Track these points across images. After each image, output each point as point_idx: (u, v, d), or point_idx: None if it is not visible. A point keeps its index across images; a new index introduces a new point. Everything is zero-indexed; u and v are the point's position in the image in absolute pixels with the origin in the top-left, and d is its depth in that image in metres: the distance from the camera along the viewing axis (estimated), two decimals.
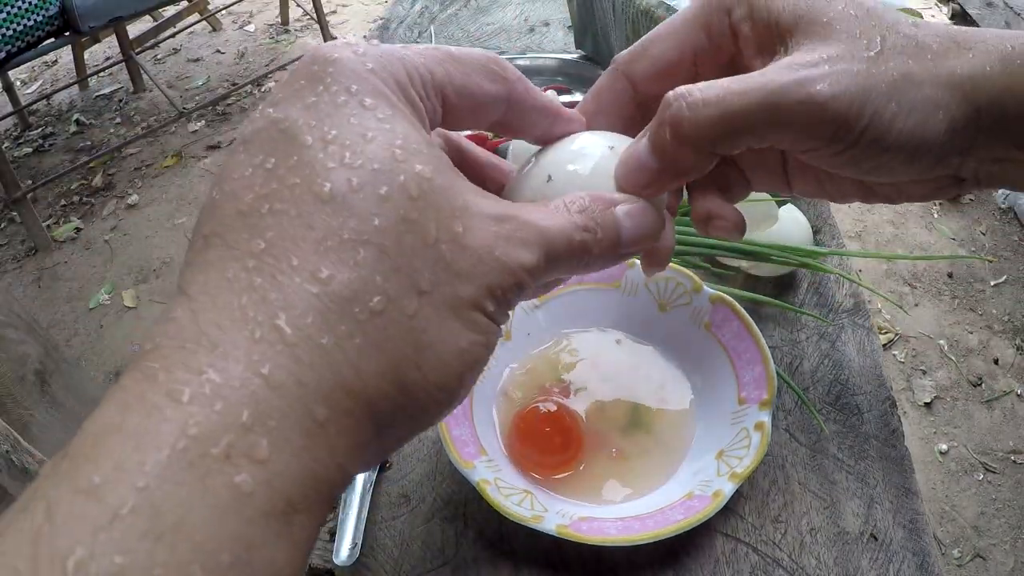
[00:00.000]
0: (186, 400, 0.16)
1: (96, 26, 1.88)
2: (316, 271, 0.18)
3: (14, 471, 0.95)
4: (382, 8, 3.20)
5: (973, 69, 0.25)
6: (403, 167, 0.20)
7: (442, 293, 0.19)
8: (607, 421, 0.42)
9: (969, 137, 0.26)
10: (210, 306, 0.17)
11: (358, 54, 0.21)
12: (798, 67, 0.24)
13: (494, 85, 0.25)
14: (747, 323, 0.43)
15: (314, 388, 0.17)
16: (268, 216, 0.19)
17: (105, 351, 1.78)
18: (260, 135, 0.20)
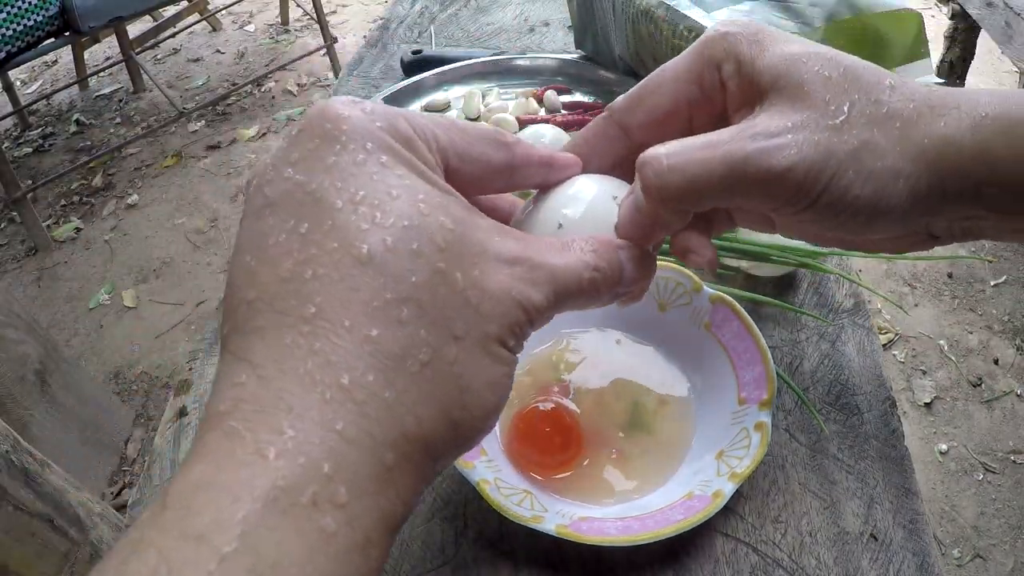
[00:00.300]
0: (272, 457, 0.18)
1: (96, 26, 1.88)
2: (368, 332, 0.20)
3: (14, 471, 0.95)
4: (382, 8, 3.20)
5: (942, 139, 0.26)
6: (429, 220, 0.21)
7: (473, 336, 0.21)
8: (607, 421, 0.42)
9: (935, 202, 0.26)
10: (278, 374, 0.19)
11: (367, 112, 0.23)
12: (760, 136, 0.26)
13: (498, 153, 0.26)
14: (747, 323, 0.43)
15: (382, 439, 0.20)
16: (313, 281, 0.20)
17: (105, 351, 1.78)
18: (286, 199, 0.21)
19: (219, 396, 0.20)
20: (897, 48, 0.57)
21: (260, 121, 2.55)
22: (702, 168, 0.26)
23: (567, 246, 0.25)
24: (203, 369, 0.50)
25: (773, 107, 0.26)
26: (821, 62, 0.27)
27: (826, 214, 0.27)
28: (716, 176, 0.26)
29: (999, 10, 1.76)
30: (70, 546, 1.01)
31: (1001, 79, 2.43)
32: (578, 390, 0.44)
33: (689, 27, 0.55)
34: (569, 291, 0.24)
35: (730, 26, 0.29)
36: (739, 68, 0.28)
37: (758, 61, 0.27)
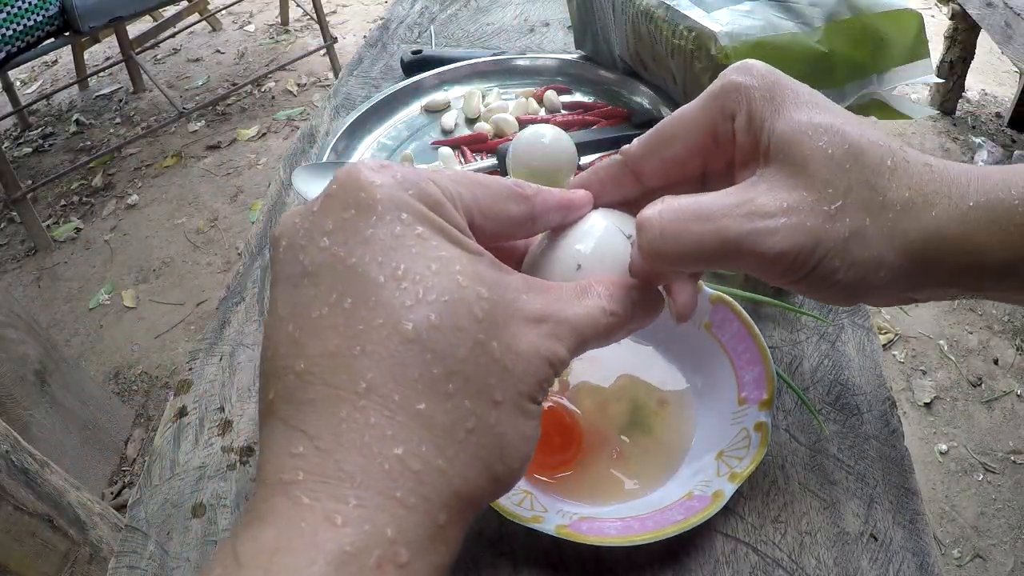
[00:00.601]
0: (340, 524, 0.20)
1: (96, 26, 1.88)
2: (418, 406, 0.21)
3: (14, 471, 0.95)
4: (382, 8, 3.20)
5: (928, 231, 0.27)
6: (467, 292, 0.23)
7: (510, 399, 0.23)
8: (607, 421, 0.42)
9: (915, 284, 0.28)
10: (336, 446, 0.21)
11: (397, 180, 0.24)
12: (755, 215, 0.27)
13: (519, 207, 0.27)
14: (747, 323, 0.43)
15: (436, 501, 0.21)
16: (362, 358, 0.21)
17: (105, 351, 1.78)
18: (326, 270, 0.22)
19: (279, 464, 0.21)
20: (897, 48, 0.57)
21: (260, 121, 2.55)
22: (695, 239, 0.27)
23: (585, 292, 0.26)
24: (203, 369, 0.50)
25: (774, 180, 0.27)
26: (827, 137, 0.27)
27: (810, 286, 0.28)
28: (708, 249, 0.27)
29: (999, 10, 1.76)
30: (70, 546, 1.01)
31: (1001, 79, 2.43)
32: (578, 390, 0.44)
33: (689, 27, 0.55)
34: (588, 338, 0.26)
35: (747, 76, 0.29)
36: (750, 124, 0.29)
37: (768, 123, 0.28)
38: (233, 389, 0.49)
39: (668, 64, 0.59)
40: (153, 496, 0.43)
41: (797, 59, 0.54)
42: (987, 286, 0.28)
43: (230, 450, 0.45)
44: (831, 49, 0.54)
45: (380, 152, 0.66)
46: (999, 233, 0.26)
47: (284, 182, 0.66)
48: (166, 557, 0.40)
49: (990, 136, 2.14)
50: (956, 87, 2.23)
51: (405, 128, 0.69)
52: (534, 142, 0.55)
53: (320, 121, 0.73)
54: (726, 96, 0.29)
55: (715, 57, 0.53)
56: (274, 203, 0.64)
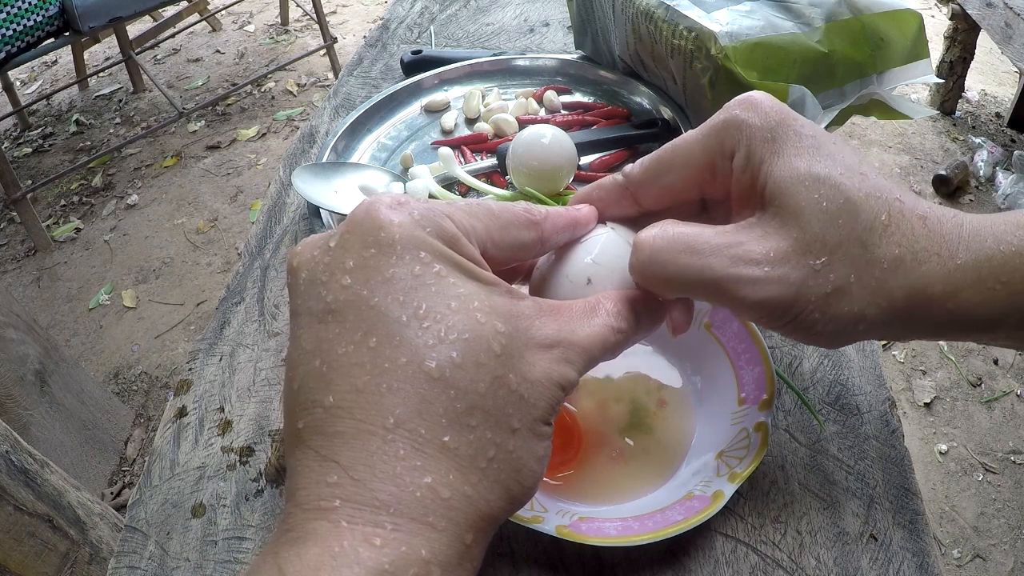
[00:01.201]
0: (379, 544, 0.21)
1: (96, 26, 1.88)
2: (442, 437, 0.23)
3: (14, 471, 0.95)
4: (382, 8, 3.20)
5: (914, 289, 0.27)
6: (486, 329, 0.24)
7: (526, 426, 0.25)
8: (607, 422, 0.42)
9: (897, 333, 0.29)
10: (370, 476, 0.22)
11: (415, 218, 0.25)
12: (741, 261, 0.27)
13: (530, 233, 0.28)
14: (747, 323, 0.43)
15: (463, 524, 0.23)
16: (389, 395, 0.23)
17: (105, 351, 1.78)
18: (350, 309, 0.24)
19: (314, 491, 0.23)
20: (897, 48, 0.57)
21: (260, 121, 2.55)
22: (679, 270, 0.28)
23: (594, 311, 0.28)
24: (202, 369, 0.50)
25: (767, 227, 0.28)
26: (824, 191, 0.27)
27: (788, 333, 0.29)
28: (691, 282, 0.28)
29: (999, 10, 1.76)
30: (70, 546, 1.01)
31: (1001, 79, 2.43)
32: (578, 390, 0.44)
33: (689, 27, 0.55)
34: (597, 357, 0.27)
35: (750, 113, 0.29)
36: (748, 163, 0.29)
37: (766, 166, 0.28)
38: (233, 389, 0.49)
39: (668, 64, 0.59)
40: (153, 496, 0.43)
41: (797, 59, 0.54)
42: (973, 337, 0.29)
43: (230, 450, 0.45)
44: (831, 49, 0.54)
45: (380, 152, 0.66)
46: (985, 292, 0.27)
47: (284, 182, 0.66)
48: (166, 557, 0.40)
49: (990, 136, 2.14)
50: (956, 87, 2.23)
51: (405, 128, 0.69)
52: (534, 142, 0.55)
53: (320, 121, 0.73)
54: (727, 132, 0.30)
55: (715, 57, 0.53)
56: (274, 203, 0.64)
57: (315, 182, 0.57)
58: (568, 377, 0.26)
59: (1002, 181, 1.94)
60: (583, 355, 0.26)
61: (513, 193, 0.56)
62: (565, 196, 0.55)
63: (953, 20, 2.13)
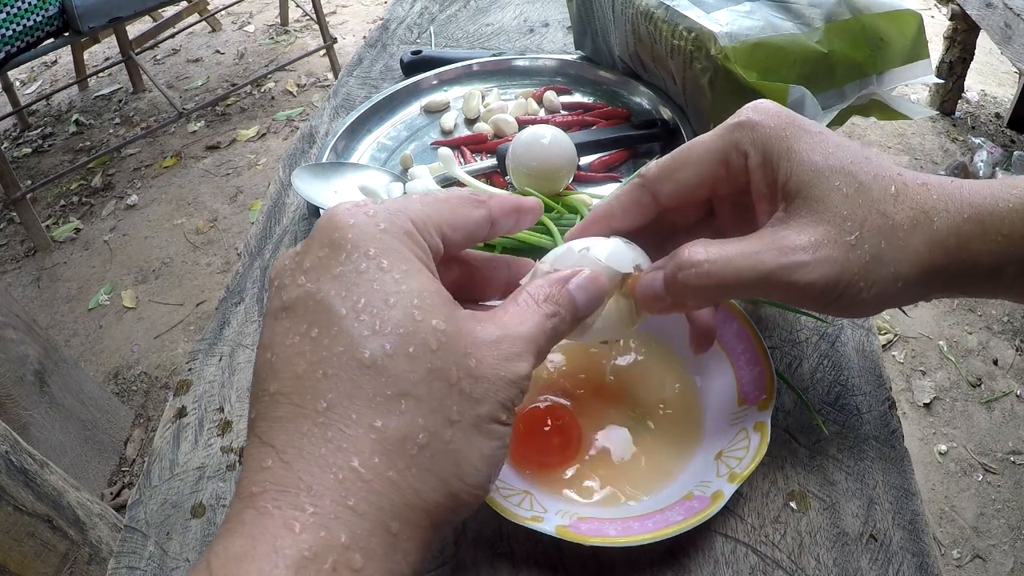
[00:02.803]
0: (298, 531, 0.21)
1: (96, 26, 1.88)
2: (372, 422, 0.23)
3: (13, 471, 0.95)
4: (382, 8, 3.20)
5: (933, 242, 0.31)
6: (422, 326, 0.25)
7: (467, 418, 0.25)
8: (607, 421, 0.42)
9: (923, 292, 0.32)
10: (298, 458, 0.23)
11: (370, 216, 0.26)
12: (788, 251, 0.31)
13: (478, 211, 0.30)
14: (747, 323, 0.43)
15: (388, 510, 0.23)
16: (324, 380, 0.24)
17: (104, 351, 1.78)
18: (300, 304, 0.25)
19: (250, 478, 0.23)
20: (897, 48, 0.57)
21: (260, 121, 2.55)
22: (736, 274, 0.31)
23: (525, 303, 0.29)
24: (202, 369, 0.50)
25: (799, 219, 0.31)
26: (840, 178, 0.31)
27: (837, 308, 0.32)
28: (745, 281, 0.31)
29: (998, 10, 1.76)
30: (69, 546, 1.01)
31: (1001, 79, 2.43)
32: (577, 390, 0.44)
33: (688, 27, 0.55)
34: (543, 345, 0.28)
35: (762, 115, 0.33)
36: (764, 162, 0.33)
37: (784, 164, 0.32)
38: (232, 389, 0.49)
39: (668, 64, 0.59)
40: (152, 496, 0.43)
41: (797, 59, 0.54)
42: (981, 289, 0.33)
43: (229, 450, 0.45)
44: (831, 49, 0.54)
45: (380, 152, 0.66)
46: (988, 243, 0.31)
47: (284, 182, 0.66)
48: (165, 557, 0.40)
49: (989, 136, 2.14)
50: (956, 87, 2.23)
51: (405, 128, 0.69)
52: (534, 143, 0.55)
53: (320, 121, 0.73)
54: (741, 131, 0.33)
55: (715, 57, 0.53)
56: (274, 203, 0.64)
57: (315, 182, 0.57)
58: (518, 371, 0.26)
59: None
60: (529, 345, 0.27)
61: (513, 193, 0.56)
62: (565, 196, 0.55)
63: (953, 20, 2.13)
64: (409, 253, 0.26)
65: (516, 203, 0.32)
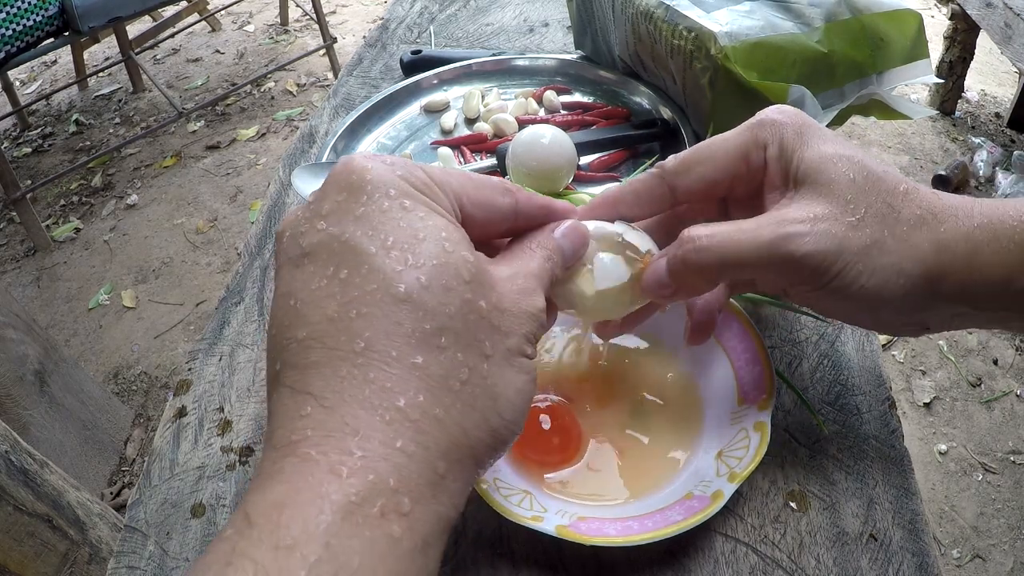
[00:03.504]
0: (345, 475, 0.21)
1: (96, 26, 1.88)
2: (414, 360, 0.23)
3: (13, 471, 0.95)
4: (382, 8, 3.20)
5: (940, 244, 0.31)
6: (454, 257, 0.24)
7: (500, 352, 0.25)
8: (607, 420, 0.42)
9: (928, 300, 0.32)
10: (340, 402, 0.22)
11: (387, 164, 0.26)
12: (786, 223, 0.31)
13: (504, 198, 0.29)
14: (747, 323, 0.43)
15: (435, 450, 0.22)
16: (358, 320, 0.23)
17: (104, 351, 1.78)
18: (323, 248, 0.24)
19: (287, 426, 0.22)
20: (897, 48, 0.57)
21: (259, 121, 2.55)
22: (736, 247, 0.31)
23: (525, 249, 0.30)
24: (202, 369, 0.50)
25: (803, 199, 0.32)
26: (849, 165, 0.32)
27: (835, 297, 0.31)
28: (746, 255, 0.31)
29: (998, 10, 1.76)
30: (69, 546, 1.01)
31: (1001, 79, 2.43)
32: (578, 390, 0.44)
33: (688, 27, 0.55)
34: (547, 282, 0.29)
35: (780, 115, 0.34)
36: (782, 153, 0.33)
37: (798, 153, 0.33)
38: (232, 389, 0.49)
39: (668, 64, 0.59)
40: (152, 496, 0.43)
41: (797, 59, 0.54)
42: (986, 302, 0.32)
43: (230, 450, 0.45)
44: (831, 49, 0.54)
45: (380, 152, 0.66)
46: (1000, 251, 0.30)
47: (284, 182, 0.66)
48: (165, 557, 0.40)
49: (989, 136, 2.14)
50: (956, 87, 2.23)
51: (404, 128, 0.69)
52: (533, 142, 0.55)
53: (320, 121, 0.73)
54: (761, 127, 0.34)
55: (715, 57, 0.53)
56: (274, 203, 0.64)
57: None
58: (536, 304, 0.27)
59: (1002, 181, 1.94)
60: (538, 282, 0.28)
61: None
62: (565, 196, 0.55)
63: (953, 20, 2.13)
64: (428, 200, 0.26)
65: (547, 203, 0.32)
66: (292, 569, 0.19)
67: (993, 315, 0.33)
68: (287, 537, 0.19)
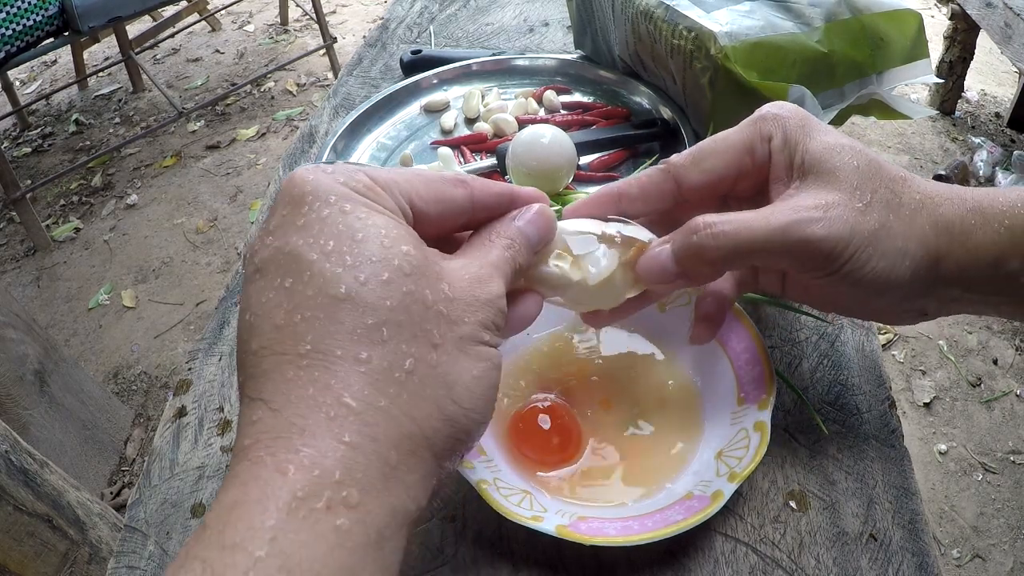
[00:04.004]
0: (291, 473, 0.21)
1: (95, 26, 1.88)
2: (358, 355, 0.23)
3: (13, 471, 0.95)
4: (382, 8, 3.20)
5: (939, 225, 0.32)
6: (393, 251, 0.25)
7: (450, 340, 0.25)
8: (607, 421, 0.42)
9: (929, 284, 0.33)
10: (286, 404, 0.22)
11: (328, 172, 0.26)
12: (800, 209, 0.32)
13: (458, 190, 0.29)
14: (747, 323, 0.43)
15: (384, 441, 0.23)
16: (302, 324, 0.23)
17: (104, 351, 1.78)
18: (270, 262, 0.25)
19: (242, 433, 0.23)
20: (896, 48, 0.57)
21: (259, 121, 2.55)
22: (751, 234, 0.32)
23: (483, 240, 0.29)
24: (202, 369, 0.50)
25: (811, 188, 0.33)
26: (852, 154, 0.33)
27: (845, 282, 0.32)
28: (761, 241, 0.32)
29: (998, 10, 1.76)
30: (69, 546, 1.01)
31: (1000, 79, 2.43)
32: (577, 390, 0.44)
33: (688, 27, 0.55)
34: (508, 273, 0.29)
35: (781, 110, 0.35)
36: (785, 144, 0.34)
37: (801, 144, 0.34)
38: (232, 389, 0.49)
39: (667, 64, 0.59)
40: (152, 496, 0.43)
41: (797, 59, 0.54)
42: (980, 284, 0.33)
43: (229, 450, 0.45)
44: (831, 49, 0.54)
45: (380, 152, 0.66)
46: (991, 232, 0.32)
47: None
48: (165, 557, 0.40)
49: (989, 136, 2.14)
50: (956, 87, 2.23)
51: (404, 128, 0.69)
52: (533, 142, 0.55)
53: (320, 121, 0.73)
54: (764, 121, 0.35)
55: (714, 57, 0.53)
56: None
57: None
58: (491, 291, 0.27)
59: (1002, 181, 1.94)
60: (496, 271, 0.28)
61: None
62: (565, 196, 0.55)
63: (953, 20, 2.13)
64: (369, 201, 0.26)
65: (505, 190, 0.31)
66: (238, 565, 0.20)
67: (985, 299, 0.34)
68: (234, 536, 0.20)
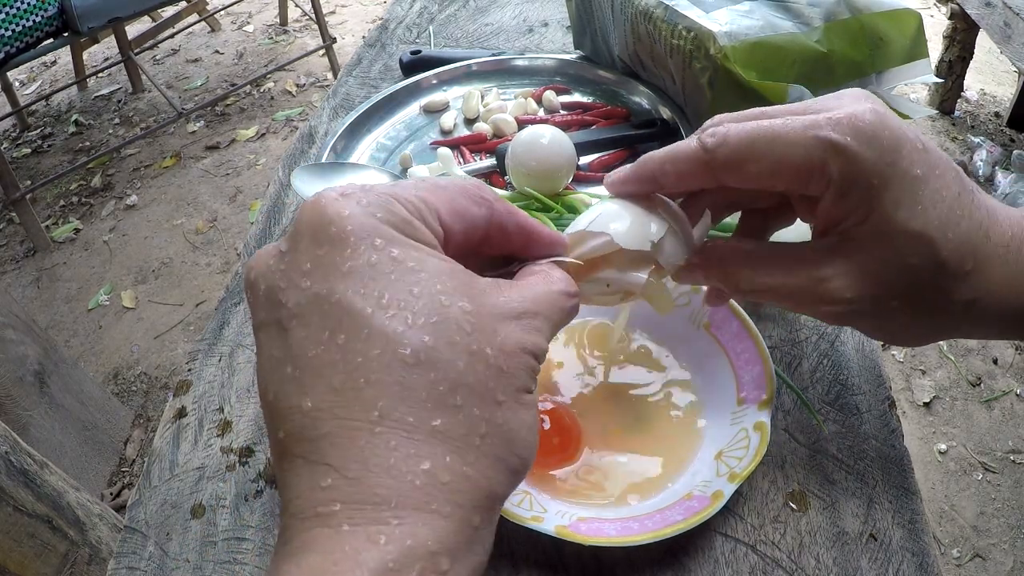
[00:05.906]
0: (383, 543, 0.21)
1: (95, 26, 1.88)
2: (433, 423, 0.22)
3: (13, 472, 0.95)
4: (381, 8, 3.20)
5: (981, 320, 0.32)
6: (452, 311, 0.23)
7: (510, 396, 0.24)
8: (606, 421, 0.42)
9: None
10: (364, 471, 0.22)
11: (363, 206, 0.24)
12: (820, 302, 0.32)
13: (478, 208, 0.28)
14: (746, 323, 0.43)
15: (469, 506, 0.23)
16: (367, 388, 0.22)
17: (104, 352, 1.78)
18: (312, 311, 0.23)
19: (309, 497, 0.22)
20: (896, 48, 0.57)
21: (259, 121, 2.55)
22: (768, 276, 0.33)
23: (548, 279, 0.28)
24: (202, 370, 0.50)
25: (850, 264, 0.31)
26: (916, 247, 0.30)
27: None
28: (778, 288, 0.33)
29: (998, 10, 1.76)
30: (69, 547, 1.01)
31: (1000, 79, 2.43)
32: (578, 391, 0.44)
33: (688, 27, 0.55)
34: (559, 323, 0.28)
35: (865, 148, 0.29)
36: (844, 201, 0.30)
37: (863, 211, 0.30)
38: (232, 390, 0.49)
39: (667, 64, 0.59)
40: (152, 497, 0.43)
41: (796, 59, 0.54)
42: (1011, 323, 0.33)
43: (229, 451, 0.45)
44: (830, 49, 0.54)
45: (379, 152, 0.66)
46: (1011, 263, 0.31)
47: (283, 182, 0.66)
48: (165, 558, 0.40)
49: (989, 136, 2.14)
50: (955, 87, 2.23)
51: (404, 128, 0.69)
52: (533, 142, 0.55)
53: (319, 121, 0.73)
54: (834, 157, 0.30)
55: (714, 57, 0.53)
56: (273, 204, 0.64)
57: (314, 182, 0.57)
58: (539, 345, 0.26)
59: (1001, 180, 1.94)
60: (547, 323, 0.27)
61: (512, 194, 0.56)
62: (564, 196, 0.55)
63: (952, 20, 2.13)
64: (415, 241, 0.24)
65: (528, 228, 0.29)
66: None
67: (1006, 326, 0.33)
68: None
